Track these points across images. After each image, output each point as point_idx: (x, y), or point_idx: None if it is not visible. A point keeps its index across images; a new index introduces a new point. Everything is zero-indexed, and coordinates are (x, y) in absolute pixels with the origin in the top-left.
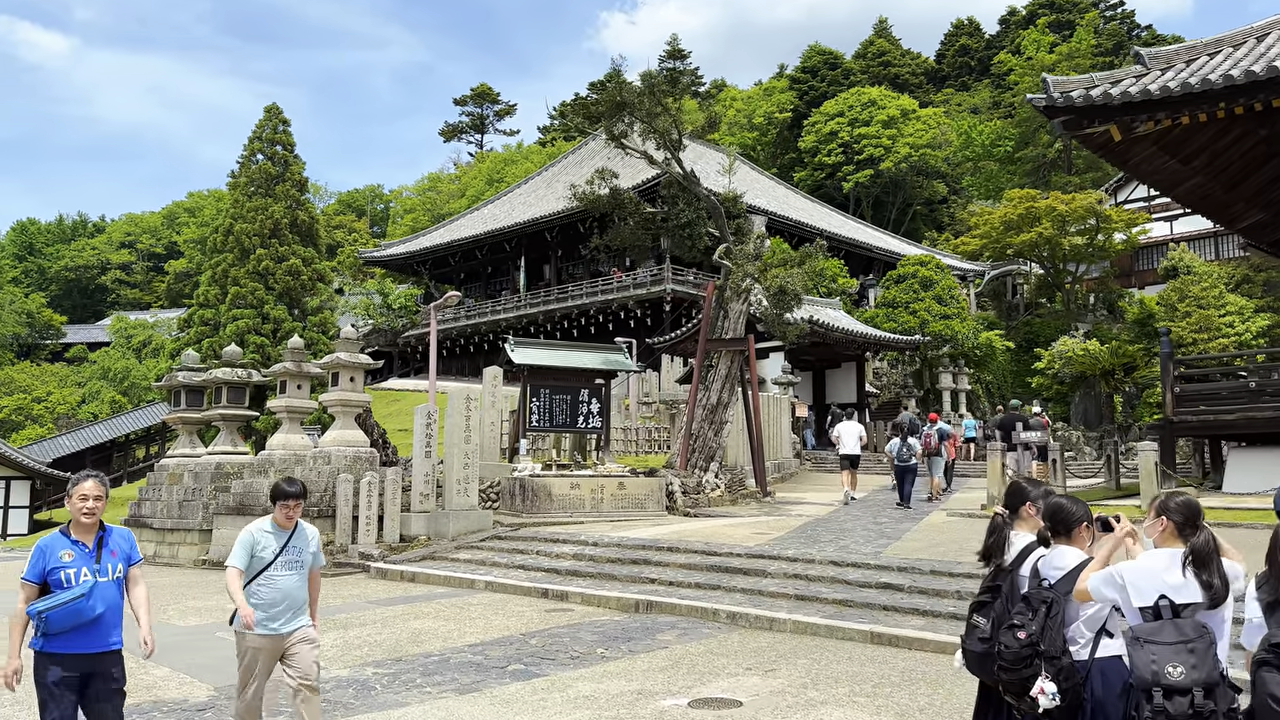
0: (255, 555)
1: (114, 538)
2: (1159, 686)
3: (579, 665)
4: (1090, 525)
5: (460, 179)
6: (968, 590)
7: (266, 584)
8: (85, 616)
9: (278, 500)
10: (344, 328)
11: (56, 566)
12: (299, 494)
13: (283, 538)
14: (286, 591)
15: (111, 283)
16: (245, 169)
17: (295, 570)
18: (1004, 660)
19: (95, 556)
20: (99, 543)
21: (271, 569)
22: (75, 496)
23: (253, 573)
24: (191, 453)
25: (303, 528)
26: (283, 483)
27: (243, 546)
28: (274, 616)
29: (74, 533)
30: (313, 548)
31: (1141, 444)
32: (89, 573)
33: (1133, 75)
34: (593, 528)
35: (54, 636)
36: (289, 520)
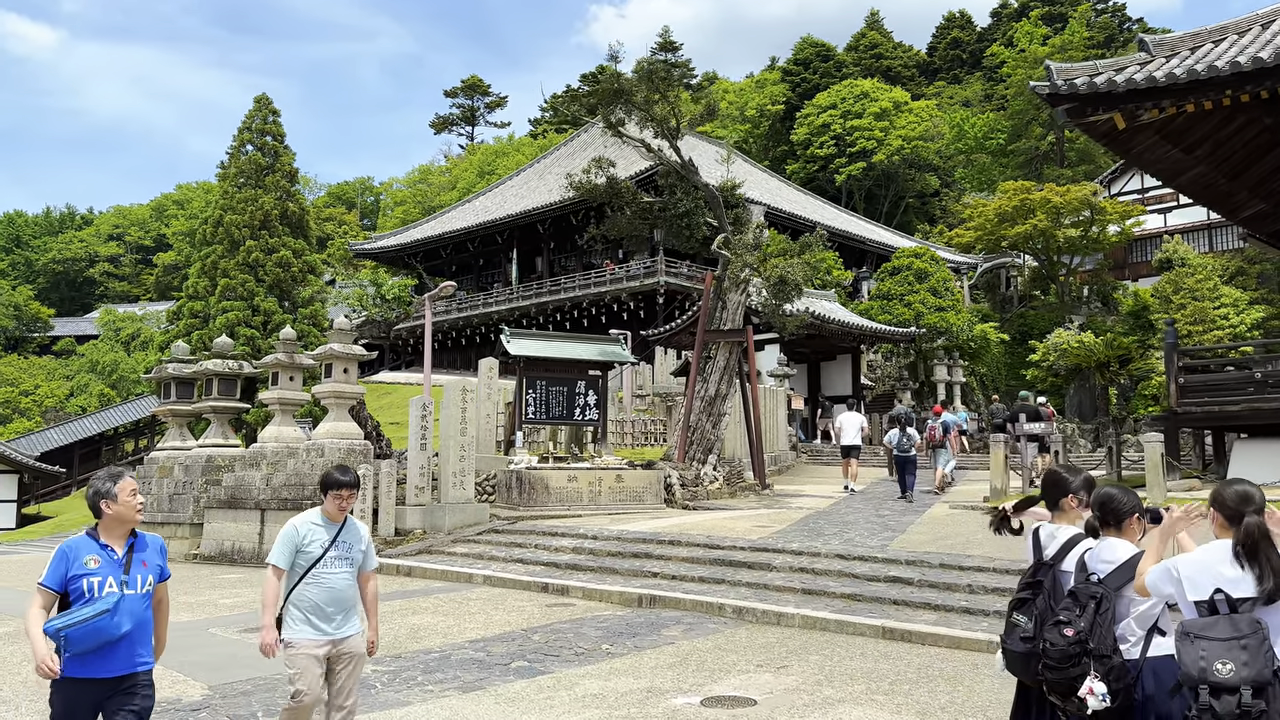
0: (302, 550)
1: (146, 546)
2: (1205, 684)
3: (584, 662)
4: (1141, 517)
5: (451, 171)
6: (979, 584)
7: (316, 583)
8: (109, 635)
9: (329, 489)
10: (337, 319)
11: (80, 574)
12: (353, 483)
13: (332, 531)
14: (339, 590)
15: (99, 275)
16: (235, 160)
17: (347, 567)
18: (1050, 659)
19: (124, 565)
20: (129, 550)
21: (322, 565)
22: (124, 493)
23: (300, 571)
24: (182, 446)
25: (353, 523)
26: (335, 471)
27: (286, 542)
28: (328, 617)
29: (104, 536)
30: (363, 545)
31: (1147, 435)
32: (115, 584)
33: (1137, 63)
34: (591, 521)
35: (73, 658)
36: (341, 512)
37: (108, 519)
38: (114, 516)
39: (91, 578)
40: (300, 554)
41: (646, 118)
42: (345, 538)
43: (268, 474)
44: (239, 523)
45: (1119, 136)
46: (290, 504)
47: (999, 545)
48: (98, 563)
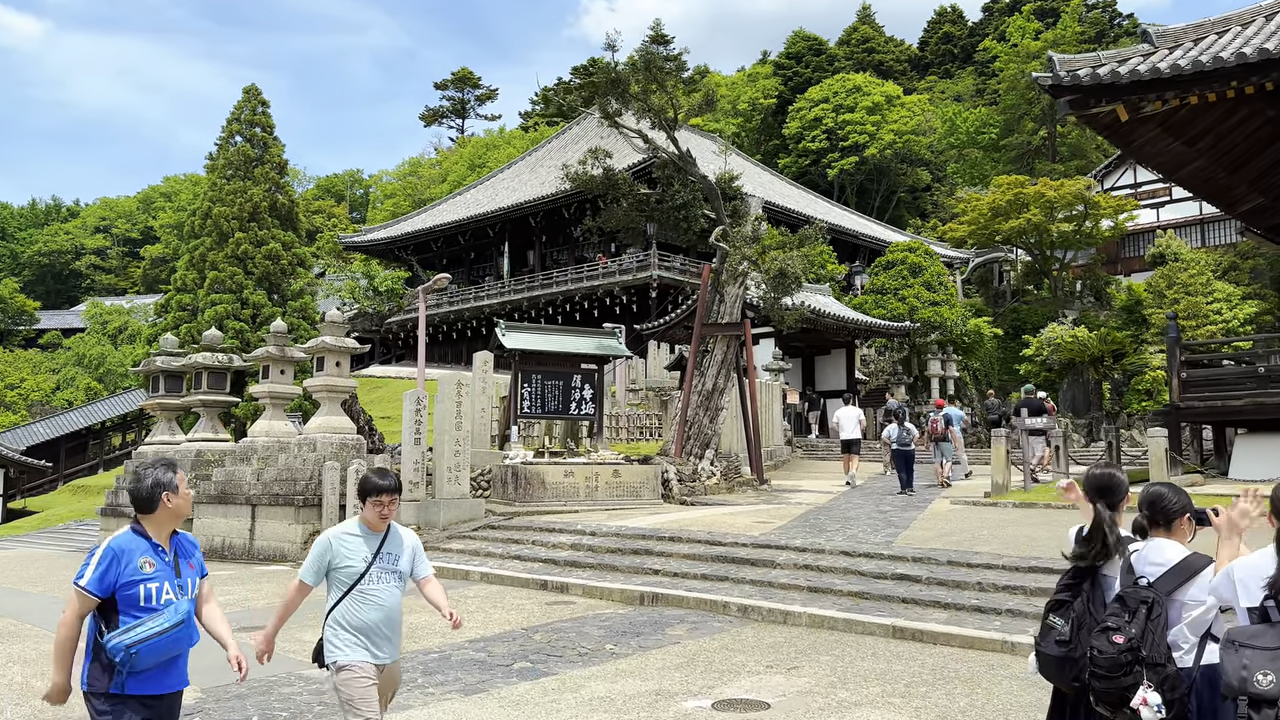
0: (340, 567)
1: (187, 545)
2: (1244, 695)
3: (589, 663)
4: (1191, 517)
5: (442, 164)
6: (989, 582)
7: (364, 600)
8: (180, 649)
9: (368, 496)
10: (329, 311)
11: (136, 579)
12: (394, 488)
13: (374, 543)
14: (389, 609)
15: (86, 268)
16: (223, 151)
17: (394, 581)
18: (1099, 667)
19: (174, 568)
20: (175, 551)
21: (367, 581)
22: (183, 484)
23: (342, 587)
24: (170, 440)
25: (398, 531)
26: (373, 475)
27: (319, 557)
28: (381, 639)
29: (155, 534)
30: (411, 554)
31: (1150, 430)
32: (171, 590)
33: (1140, 54)
34: (588, 516)
35: (135, 675)
36: (383, 520)
37: (163, 514)
38: (171, 512)
39: (148, 583)
40: (339, 569)
41: (644, 108)
42: (389, 549)
43: (258, 469)
44: (229, 518)
45: (1121, 129)
46: (281, 499)
47: (1006, 542)
48: (153, 566)
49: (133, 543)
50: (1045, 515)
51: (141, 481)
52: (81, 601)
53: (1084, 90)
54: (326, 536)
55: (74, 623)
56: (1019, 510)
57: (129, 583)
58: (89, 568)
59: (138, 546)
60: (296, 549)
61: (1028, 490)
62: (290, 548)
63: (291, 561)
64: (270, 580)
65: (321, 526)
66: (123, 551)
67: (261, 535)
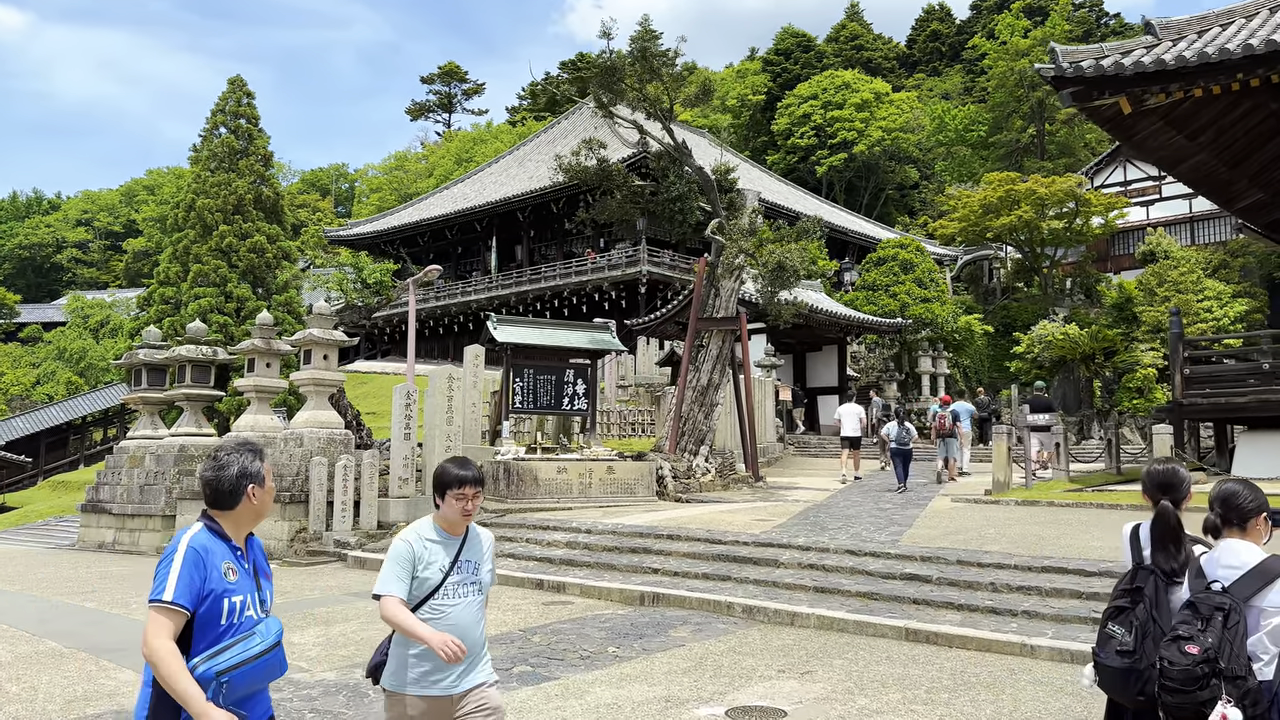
0: (417, 576)
1: (260, 551)
2: None
3: (592, 666)
4: (1268, 517)
5: (428, 158)
6: (1002, 582)
7: (432, 619)
8: (272, 678)
9: (449, 489)
10: (316, 303)
11: (222, 590)
12: (479, 479)
13: (453, 548)
14: (464, 628)
15: (67, 261)
16: (208, 143)
17: (473, 595)
18: (1170, 680)
19: (254, 578)
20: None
21: (440, 595)
22: (268, 475)
23: (411, 603)
24: (153, 434)
25: (476, 533)
26: (452, 465)
27: (399, 564)
28: (442, 665)
29: (234, 535)
30: (490, 563)
31: (1156, 427)
32: (253, 605)
33: (1143, 46)
34: (582, 514)
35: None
36: (465, 519)
37: (245, 511)
38: (254, 510)
39: (233, 596)
40: (415, 581)
41: (639, 98)
42: (469, 555)
43: None
44: None
45: (1123, 122)
46: None
47: (1014, 540)
48: (235, 574)
49: (212, 543)
50: (1050, 513)
51: (223, 470)
52: (169, 619)
53: (1087, 82)
54: (406, 540)
55: (171, 650)
56: (1022, 508)
57: (214, 593)
58: (169, 575)
59: (218, 549)
60: (283, 547)
61: (1029, 488)
62: (276, 545)
63: (278, 560)
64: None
65: (309, 524)
66: (207, 552)
67: None
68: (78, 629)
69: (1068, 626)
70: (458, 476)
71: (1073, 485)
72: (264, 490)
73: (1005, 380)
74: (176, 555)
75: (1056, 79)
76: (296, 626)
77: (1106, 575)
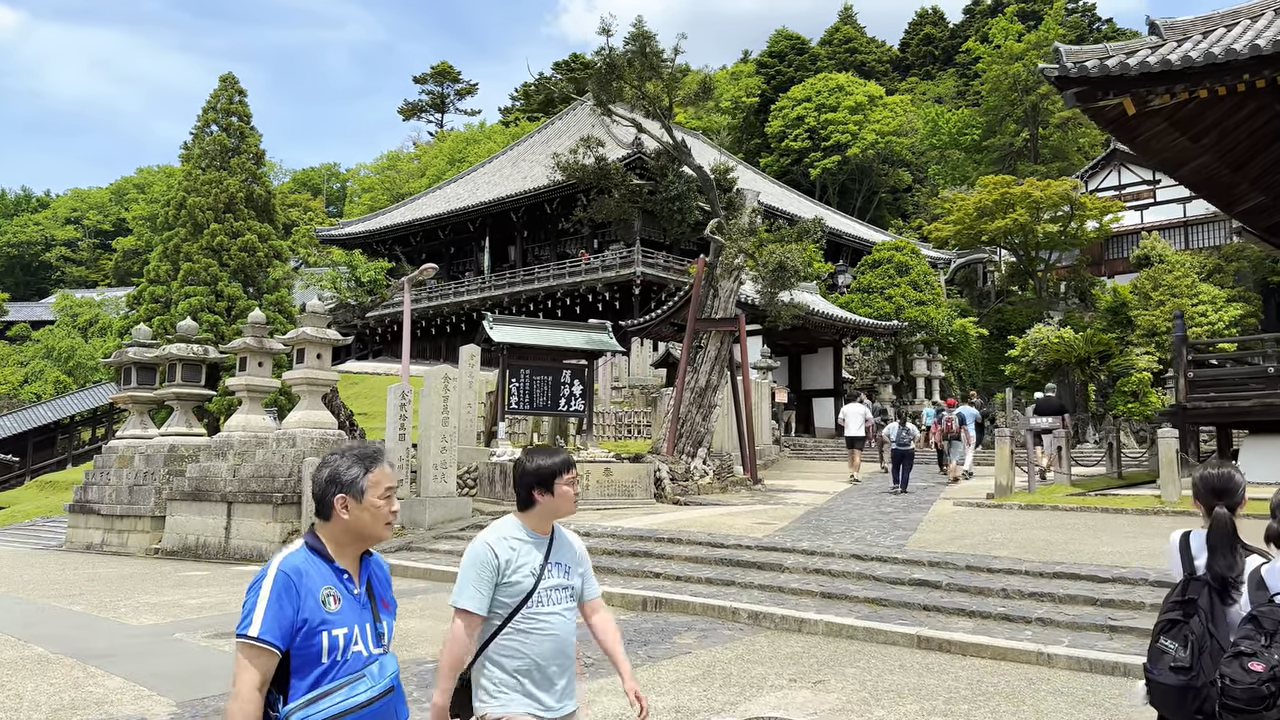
0: (504, 583)
1: (382, 576)
2: None
3: (596, 675)
4: None
5: (421, 158)
6: (1013, 588)
7: (530, 629)
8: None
9: (558, 476)
10: (310, 301)
11: (320, 621)
12: (573, 463)
13: (542, 548)
14: (563, 639)
15: (56, 260)
16: (199, 141)
17: (568, 601)
18: (1233, 699)
19: (369, 608)
20: (368, 582)
21: (535, 603)
22: (378, 488)
23: (502, 612)
24: (143, 434)
25: (563, 534)
26: (541, 454)
27: (480, 570)
28: (549, 680)
29: (338, 554)
30: (583, 564)
31: (1162, 430)
32: (362, 639)
33: (1148, 46)
34: (580, 516)
35: None
36: (569, 506)
37: (337, 527)
38: (346, 527)
39: (334, 628)
40: (503, 587)
41: (638, 96)
42: (559, 557)
43: (235, 465)
44: (204, 516)
45: (1127, 123)
46: (259, 497)
47: (1022, 545)
48: (338, 602)
49: (311, 565)
50: (1055, 518)
51: (318, 472)
52: (259, 658)
53: (1091, 82)
54: (486, 543)
55: (252, 698)
56: (1027, 512)
57: (306, 625)
58: (256, 605)
59: (318, 571)
60: (274, 548)
61: (1032, 492)
62: (268, 547)
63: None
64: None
65: (301, 525)
66: (300, 575)
67: (238, 534)
68: (65, 633)
69: (1084, 634)
70: (564, 461)
71: (1075, 489)
72: (360, 505)
73: (999, 384)
74: (265, 580)
75: (1061, 79)
76: None
77: (1120, 582)
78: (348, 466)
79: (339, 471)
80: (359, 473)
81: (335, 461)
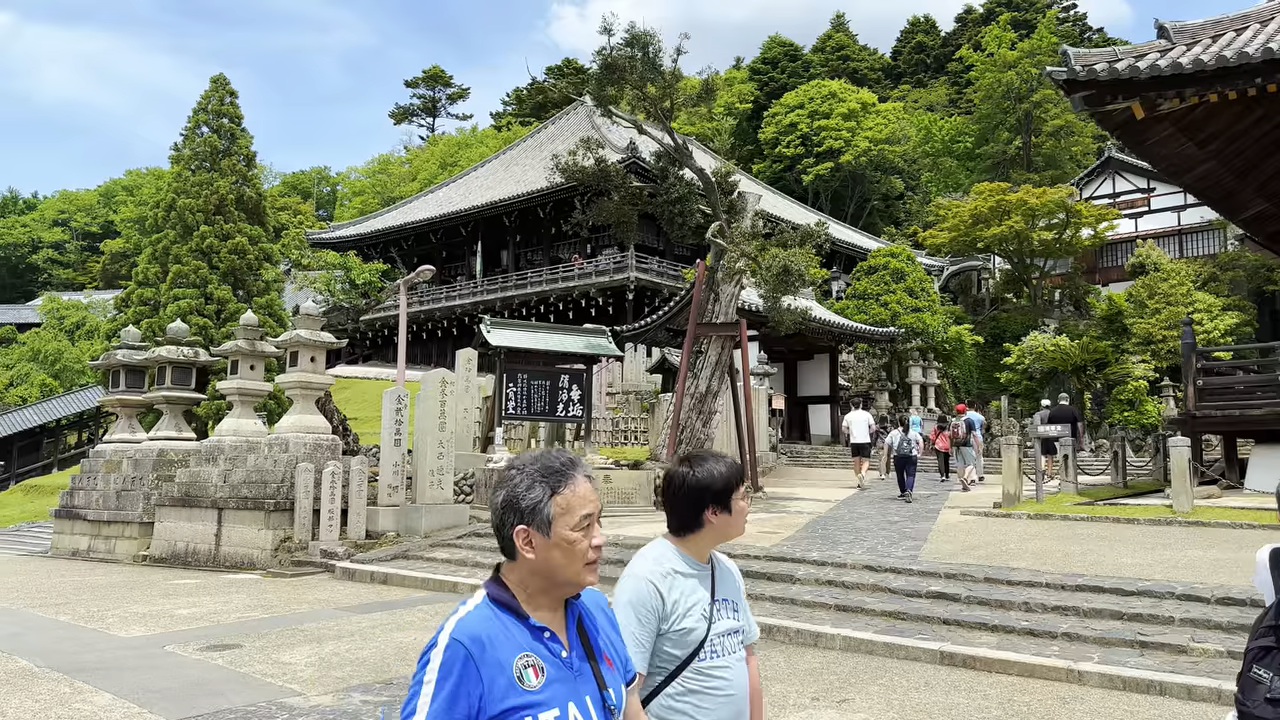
0: (671, 631)
1: (598, 618)
2: None
3: None
4: None
5: (412, 162)
6: (1035, 601)
7: (700, 688)
8: None
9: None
10: (304, 304)
11: (515, 708)
12: (744, 473)
13: (707, 581)
14: (739, 703)
15: (43, 262)
16: (189, 142)
17: (740, 650)
18: None
19: (587, 671)
20: (580, 632)
21: (708, 653)
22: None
23: (667, 664)
24: (131, 438)
25: (723, 562)
26: (706, 462)
27: (644, 616)
28: None
29: (531, 605)
30: (743, 598)
31: (1173, 440)
32: (582, 715)
33: (1157, 50)
34: None
35: None
36: (740, 528)
37: (530, 568)
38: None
39: (539, 712)
40: (669, 637)
41: (639, 96)
42: (725, 591)
43: (226, 470)
44: (194, 522)
45: (1134, 127)
46: (251, 503)
47: (1038, 556)
48: (540, 674)
49: (495, 626)
50: (1067, 528)
51: (495, 496)
52: None
53: (1100, 86)
54: (649, 580)
55: None
56: (1037, 522)
57: (504, 710)
58: (419, 698)
59: (505, 634)
60: (266, 556)
61: (1040, 501)
62: (260, 555)
63: (261, 569)
64: (240, 590)
65: (294, 532)
66: (483, 647)
67: (228, 541)
68: (51, 645)
69: (1113, 650)
70: (736, 471)
71: (1082, 499)
72: (547, 540)
73: (994, 391)
74: (432, 658)
75: (1069, 82)
76: (285, 644)
77: (1146, 595)
78: (527, 486)
79: (516, 494)
80: (542, 495)
81: (513, 480)
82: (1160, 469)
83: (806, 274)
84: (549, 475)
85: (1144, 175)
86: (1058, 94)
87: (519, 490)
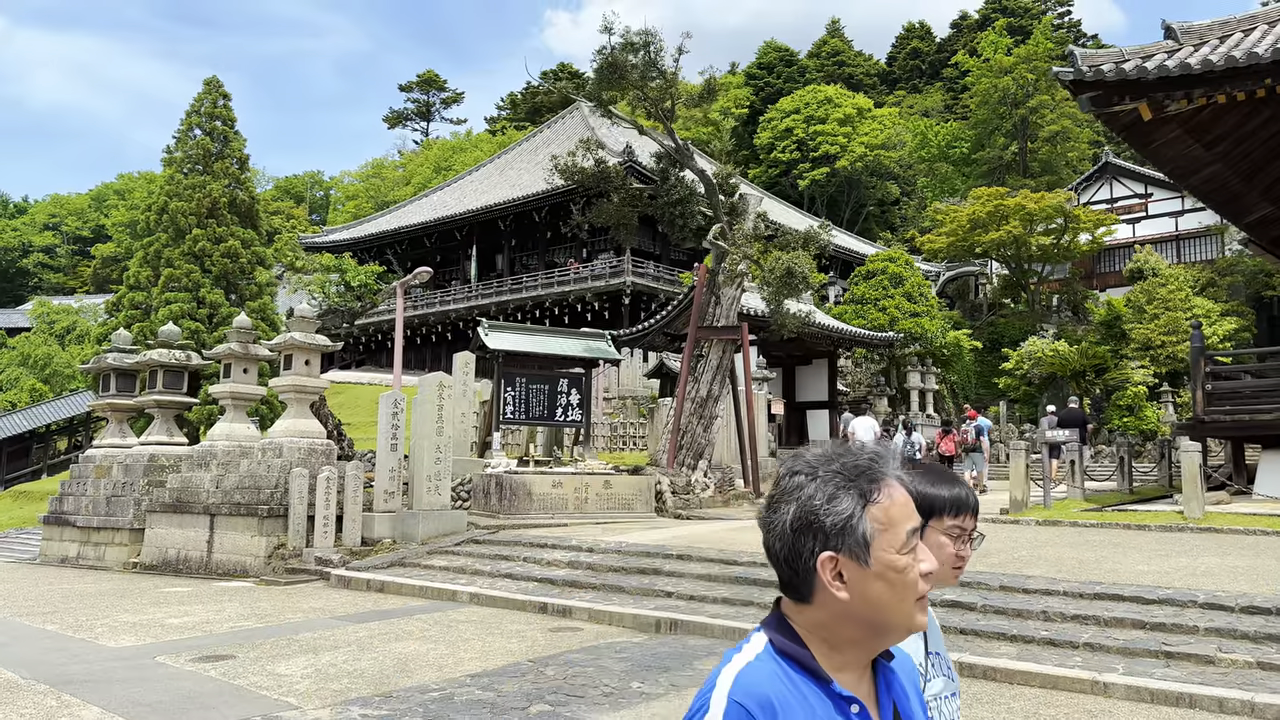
0: None
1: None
2: None
3: (617, 705)
4: None
5: (406, 166)
6: (1054, 610)
7: None
8: None
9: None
10: (299, 307)
11: None
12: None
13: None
14: None
15: (34, 266)
16: (182, 145)
17: (957, 712)
18: None
19: None
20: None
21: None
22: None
23: None
24: (122, 443)
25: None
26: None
27: None
28: None
29: (835, 668)
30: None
31: (1184, 445)
32: None
33: (1165, 50)
34: (580, 530)
35: None
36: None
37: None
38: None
39: None
40: None
41: (639, 97)
42: (936, 644)
43: (218, 475)
44: (185, 529)
45: (1141, 129)
46: (244, 509)
47: (1053, 564)
48: None
49: (784, 689)
50: (1078, 534)
51: (773, 511)
52: None
53: (1107, 86)
54: None
55: None
56: (1047, 529)
57: None
58: None
59: (800, 701)
60: (259, 563)
61: (1048, 507)
62: (253, 562)
63: (254, 577)
64: (233, 599)
65: (288, 539)
66: (773, 713)
67: (220, 548)
68: (38, 656)
69: (1138, 661)
70: (955, 499)
71: (1089, 504)
72: (863, 570)
73: (993, 396)
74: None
75: (1076, 83)
76: (280, 655)
77: (1168, 604)
78: (828, 496)
79: (813, 507)
80: (851, 507)
81: (802, 488)
82: (1165, 474)
83: (810, 277)
84: (856, 477)
85: (1141, 180)
86: (1054, 99)
87: (816, 502)
